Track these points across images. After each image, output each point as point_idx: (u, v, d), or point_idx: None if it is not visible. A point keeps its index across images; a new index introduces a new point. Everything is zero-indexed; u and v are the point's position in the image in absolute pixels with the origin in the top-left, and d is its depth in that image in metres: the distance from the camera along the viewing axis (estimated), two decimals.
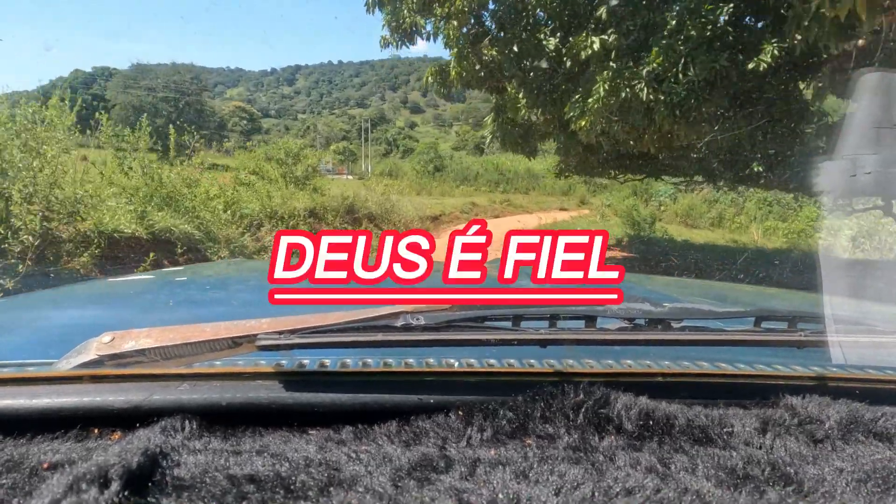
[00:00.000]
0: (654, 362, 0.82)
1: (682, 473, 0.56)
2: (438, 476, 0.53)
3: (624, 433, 0.63)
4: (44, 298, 1.60)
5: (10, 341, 1.03)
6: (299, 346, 0.67)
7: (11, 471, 0.49)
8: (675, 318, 0.80)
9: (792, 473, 0.56)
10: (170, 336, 0.65)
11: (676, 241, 16.19)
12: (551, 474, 0.53)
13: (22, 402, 0.59)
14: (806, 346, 0.78)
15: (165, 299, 1.49)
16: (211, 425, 0.60)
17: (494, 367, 0.77)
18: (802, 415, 0.68)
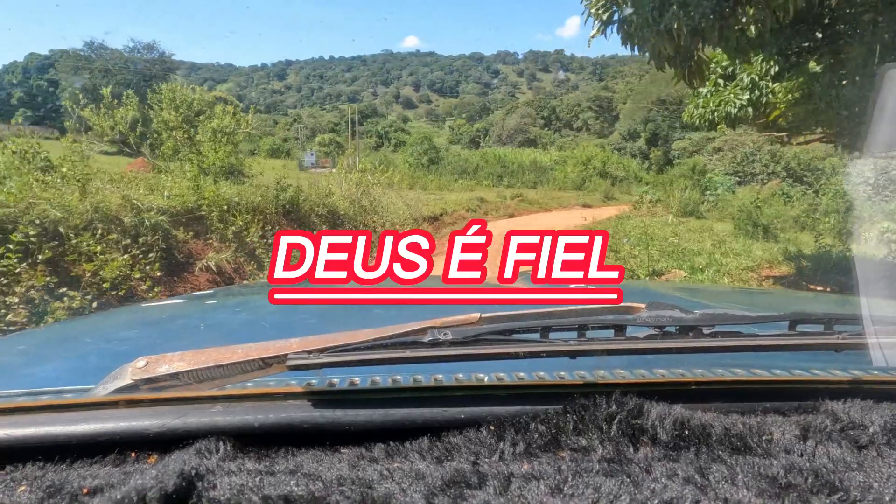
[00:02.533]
0: (687, 370, 0.77)
1: (721, 484, 0.53)
2: (472, 492, 0.51)
3: (659, 443, 0.61)
4: (79, 325, 1.67)
5: (49, 368, 1.03)
6: (329, 365, 0.67)
7: (53, 496, 0.50)
8: (707, 324, 0.77)
9: (837, 481, 0.54)
10: (202, 359, 0.66)
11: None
12: (586, 488, 0.52)
13: (61, 429, 0.59)
14: (844, 348, 0.76)
15: (197, 323, 1.50)
16: (244, 446, 0.60)
17: (524, 379, 0.75)
18: (844, 420, 0.65)
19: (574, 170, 37.39)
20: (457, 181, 34.91)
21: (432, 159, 40.58)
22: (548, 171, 38.10)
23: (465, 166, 38.85)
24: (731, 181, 21.55)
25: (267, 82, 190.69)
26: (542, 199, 25.50)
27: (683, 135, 44.64)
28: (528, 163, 38.77)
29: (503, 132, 72.22)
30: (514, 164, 38.18)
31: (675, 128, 46.10)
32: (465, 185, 33.72)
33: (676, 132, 45.91)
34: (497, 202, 22.32)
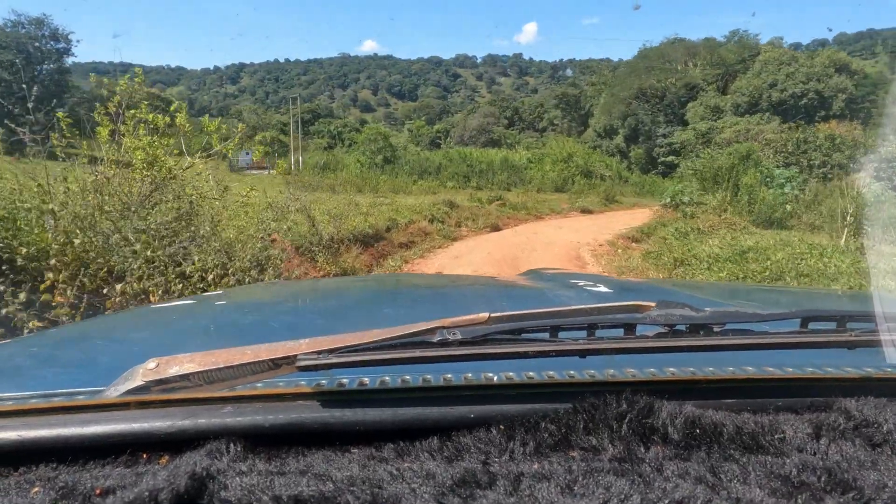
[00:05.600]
0: (698, 369, 0.75)
1: (733, 483, 0.53)
2: (482, 492, 0.51)
3: (670, 443, 0.60)
4: (91, 327, 1.61)
5: (61, 370, 1.01)
6: (338, 366, 0.66)
7: (66, 497, 0.50)
8: (717, 322, 0.76)
9: (850, 480, 0.53)
10: (212, 360, 0.65)
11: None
12: (597, 487, 0.51)
13: (73, 430, 0.59)
14: (857, 346, 0.75)
15: (206, 324, 1.43)
16: (255, 447, 0.60)
17: (534, 379, 0.73)
18: (858, 418, 0.64)
19: (553, 168, 31.25)
20: (416, 182, 28.38)
21: (387, 158, 33.89)
22: (522, 170, 31.86)
23: (426, 166, 32.24)
24: (798, 175, 15.66)
25: (220, 85, 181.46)
26: (526, 204, 19.07)
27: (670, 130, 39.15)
28: (498, 161, 32.40)
29: (465, 132, 65.95)
30: (483, 164, 31.79)
31: (660, 122, 40.61)
32: (427, 187, 27.14)
33: (661, 127, 40.40)
34: (472, 208, 15.73)
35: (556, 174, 30.32)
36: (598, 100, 50.55)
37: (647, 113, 41.44)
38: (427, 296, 1.84)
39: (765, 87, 36.64)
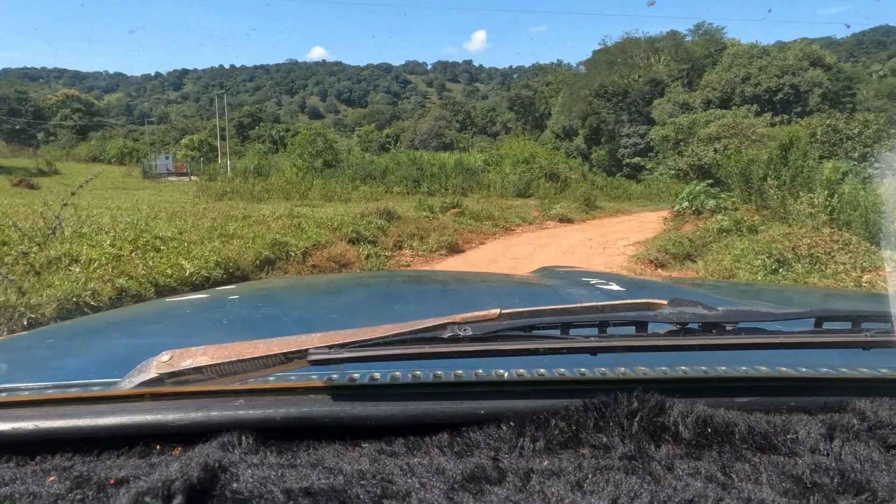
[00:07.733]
0: (710, 367, 0.74)
1: (744, 483, 0.52)
2: (492, 488, 0.51)
3: (681, 441, 0.59)
4: (106, 320, 1.61)
5: (76, 362, 1.01)
6: (349, 360, 0.66)
7: (81, 486, 0.51)
8: (730, 320, 0.74)
9: (864, 482, 0.52)
10: (225, 353, 0.65)
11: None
12: (607, 485, 0.51)
13: (88, 421, 0.60)
14: (873, 346, 0.73)
15: (220, 317, 1.43)
16: (266, 440, 0.60)
17: (545, 376, 0.72)
18: (872, 419, 0.62)
19: (514, 170, 27.30)
20: (357, 188, 23.87)
21: (328, 162, 29.24)
22: (479, 173, 27.82)
23: (371, 169, 27.76)
24: (860, 168, 12.09)
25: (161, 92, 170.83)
26: (490, 212, 14.88)
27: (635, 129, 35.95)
28: (452, 164, 28.21)
29: (416, 136, 61.76)
30: (434, 167, 27.58)
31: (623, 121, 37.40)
32: (370, 193, 22.67)
33: (625, 126, 37.18)
34: (420, 219, 11.35)
35: (517, 177, 26.39)
36: (555, 100, 47.16)
37: (610, 112, 38.23)
38: (438, 292, 1.78)
39: (737, 82, 34.17)
